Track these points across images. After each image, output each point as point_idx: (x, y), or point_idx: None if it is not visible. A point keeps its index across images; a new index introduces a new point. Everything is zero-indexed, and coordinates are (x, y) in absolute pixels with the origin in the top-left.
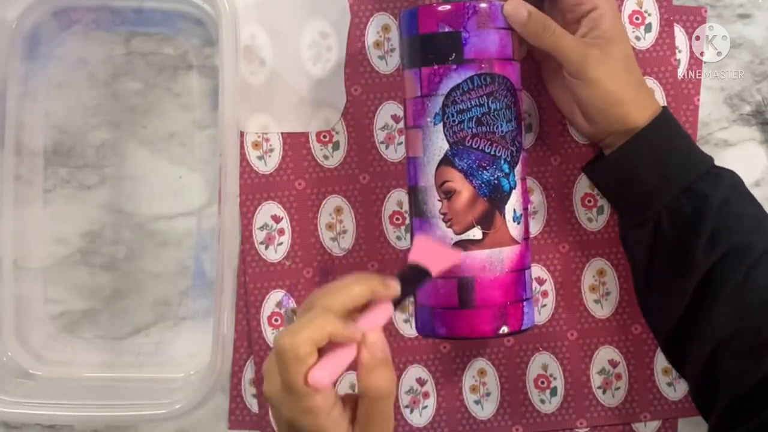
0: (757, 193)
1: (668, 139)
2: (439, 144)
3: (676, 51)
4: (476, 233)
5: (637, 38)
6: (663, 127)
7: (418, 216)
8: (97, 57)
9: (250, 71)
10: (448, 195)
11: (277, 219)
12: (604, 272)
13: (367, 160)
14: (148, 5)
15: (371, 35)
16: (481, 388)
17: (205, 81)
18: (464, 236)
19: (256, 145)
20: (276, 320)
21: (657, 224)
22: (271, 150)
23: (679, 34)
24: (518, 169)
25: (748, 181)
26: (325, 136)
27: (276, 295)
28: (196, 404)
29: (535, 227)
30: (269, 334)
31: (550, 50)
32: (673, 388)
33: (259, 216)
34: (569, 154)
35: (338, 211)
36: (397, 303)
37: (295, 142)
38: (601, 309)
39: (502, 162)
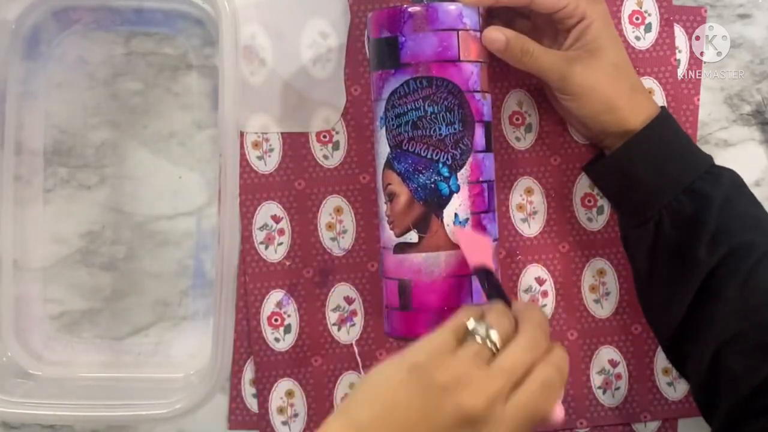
0: (757, 193)
1: (667, 140)
2: (383, 147)
3: (676, 51)
4: (413, 236)
5: (637, 38)
6: (661, 127)
7: (377, 218)
8: (97, 57)
9: (250, 71)
10: (390, 198)
11: (277, 219)
12: (604, 272)
13: (366, 160)
14: (148, 5)
15: None
16: None
17: (205, 81)
18: (402, 239)
19: (256, 145)
20: (276, 320)
21: (658, 224)
22: (271, 150)
23: (679, 34)
24: (464, 172)
25: (748, 181)
26: (325, 136)
27: (276, 295)
28: (196, 404)
29: (535, 227)
30: (269, 334)
31: (532, 72)
32: (673, 388)
33: (259, 216)
34: (569, 154)
35: (338, 211)
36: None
37: (295, 142)
38: (601, 309)
39: (441, 165)
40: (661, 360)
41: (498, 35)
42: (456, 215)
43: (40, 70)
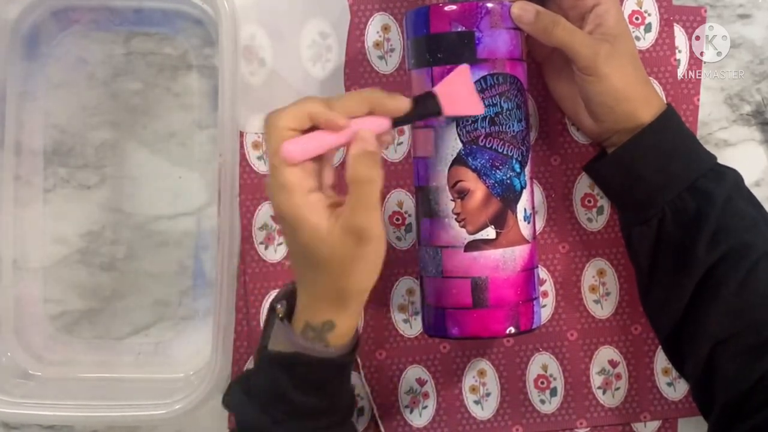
0: (757, 193)
1: (674, 136)
2: (452, 144)
3: (676, 51)
4: (490, 233)
5: (637, 38)
6: (669, 123)
7: (428, 216)
8: (97, 57)
9: (250, 71)
10: (461, 195)
11: (276, 219)
12: (604, 272)
13: None
14: (148, 5)
15: (371, 35)
16: (481, 388)
17: (205, 81)
18: (477, 236)
19: (256, 145)
20: None
21: (661, 221)
22: None
23: (679, 34)
24: (528, 168)
25: (748, 181)
26: None
27: None
28: (196, 404)
29: (536, 227)
30: None
31: (561, 45)
32: (673, 388)
33: (259, 216)
34: (569, 154)
35: None
36: (397, 122)
37: None
38: (601, 309)
39: (514, 161)
40: (661, 360)
41: (528, 6)
42: (525, 210)
43: (40, 70)
